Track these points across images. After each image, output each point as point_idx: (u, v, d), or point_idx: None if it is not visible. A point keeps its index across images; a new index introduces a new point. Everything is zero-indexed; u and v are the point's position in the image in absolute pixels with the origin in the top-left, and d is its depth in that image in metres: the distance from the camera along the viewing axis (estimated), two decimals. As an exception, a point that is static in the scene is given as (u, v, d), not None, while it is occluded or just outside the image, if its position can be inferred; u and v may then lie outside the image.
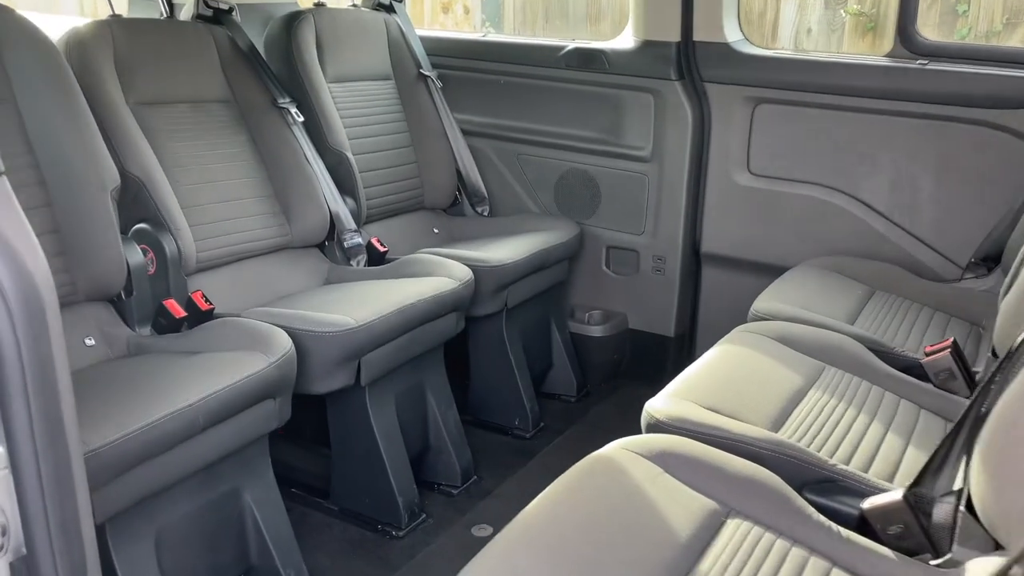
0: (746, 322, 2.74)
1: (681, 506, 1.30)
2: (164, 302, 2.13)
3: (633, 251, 3.07)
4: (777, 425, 1.62)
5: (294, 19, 2.81)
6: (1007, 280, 1.89)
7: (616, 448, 1.42)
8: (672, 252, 2.99)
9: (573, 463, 2.58)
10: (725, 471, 1.38)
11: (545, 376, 3.03)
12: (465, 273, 2.45)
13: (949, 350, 1.88)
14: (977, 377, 1.88)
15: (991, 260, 2.44)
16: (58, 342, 1.00)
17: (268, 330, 1.94)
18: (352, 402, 2.19)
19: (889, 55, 2.66)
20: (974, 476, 1.14)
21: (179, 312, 2.13)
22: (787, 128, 2.77)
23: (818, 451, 1.54)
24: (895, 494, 1.31)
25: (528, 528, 1.21)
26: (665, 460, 1.39)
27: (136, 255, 2.16)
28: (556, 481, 1.35)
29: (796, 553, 1.25)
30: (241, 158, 2.57)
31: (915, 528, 1.27)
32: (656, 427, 1.57)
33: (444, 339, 2.45)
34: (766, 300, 2.24)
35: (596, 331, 3.10)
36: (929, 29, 2.71)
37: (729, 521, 1.30)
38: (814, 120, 2.72)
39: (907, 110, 2.57)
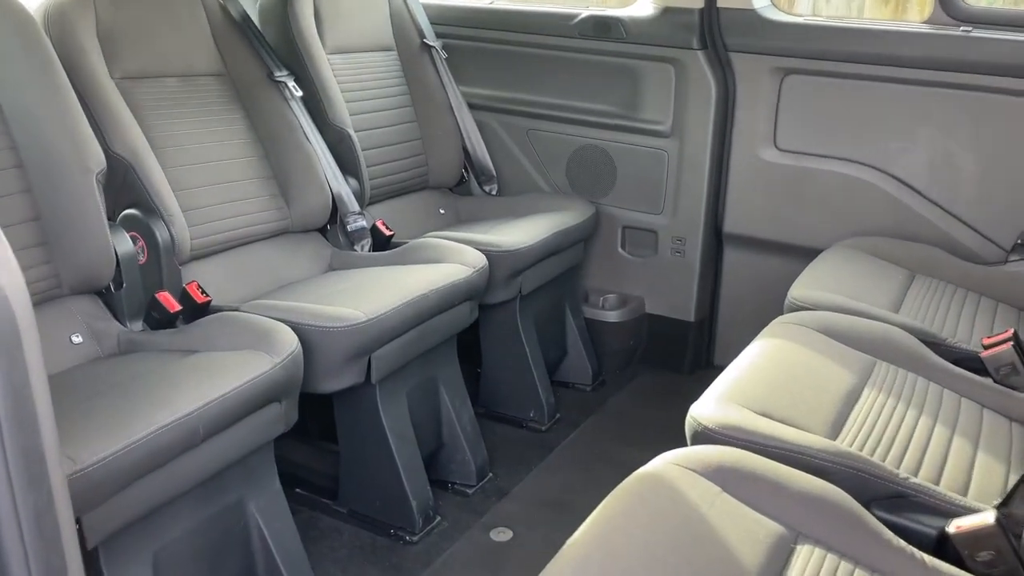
0: (781, 311, 2.63)
1: (745, 531, 1.16)
2: (157, 295, 1.97)
3: (651, 232, 2.91)
4: (835, 431, 1.48)
5: (290, -14, 2.61)
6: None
7: (666, 464, 1.28)
8: (693, 233, 2.84)
9: (593, 459, 2.48)
10: (788, 489, 1.24)
11: (559, 364, 2.88)
12: (479, 259, 2.29)
13: (1011, 343, 1.74)
14: (1038, 371, 1.74)
15: (1039, 241, 2.30)
16: (36, 367, 0.84)
17: (271, 326, 1.78)
18: (361, 401, 2.04)
19: (928, 21, 2.49)
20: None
21: (173, 306, 1.96)
22: (817, 100, 2.61)
23: (883, 461, 1.40)
24: (985, 516, 1.17)
25: (579, 563, 1.07)
26: (722, 477, 1.24)
27: (125, 243, 1.99)
28: (603, 505, 1.20)
29: (876, 584, 1.11)
30: (236, 136, 2.39)
31: (1009, 555, 1.14)
32: (704, 436, 1.42)
33: (457, 330, 2.30)
34: (803, 287, 2.09)
35: (612, 316, 2.95)
36: None
37: (799, 547, 1.16)
38: (847, 92, 2.56)
39: (948, 80, 2.41)
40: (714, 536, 1.14)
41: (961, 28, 2.40)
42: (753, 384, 1.58)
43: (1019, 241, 2.35)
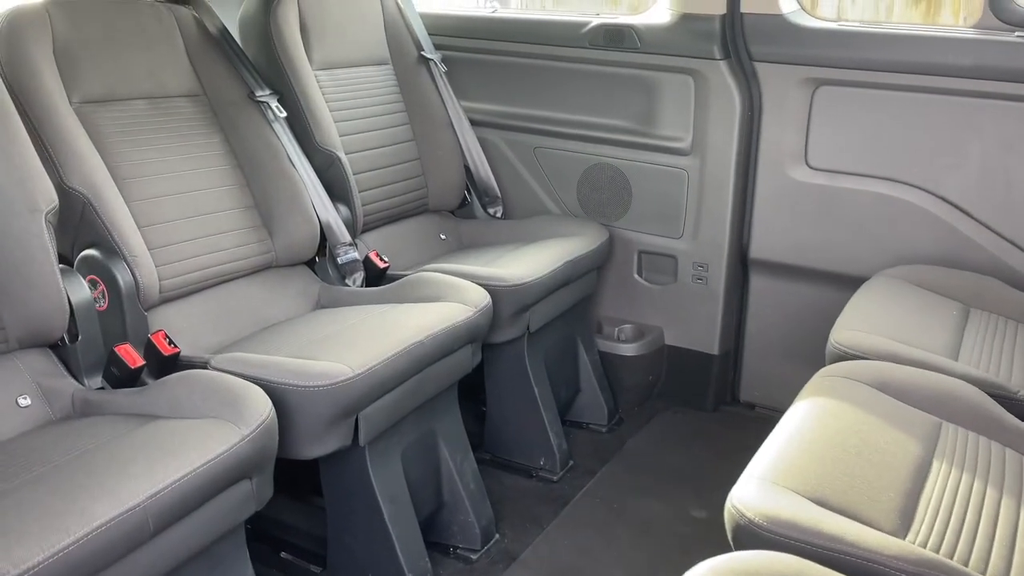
0: (812, 344, 2.38)
1: None
2: (116, 348, 1.74)
3: (670, 257, 2.67)
4: (905, 522, 1.23)
5: (273, -4, 2.39)
6: None
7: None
8: (716, 258, 2.60)
9: (611, 515, 2.23)
10: (860, 613, 1.00)
11: (572, 403, 2.65)
12: (482, 297, 2.06)
13: (1100, 402, 1.49)
14: None
15: (1110, 271, 2.05)
16: None
17: (242, 388, 1.55)
18: (349, 464, 1.81)
19: (978, 26, 2.24)
20: None
21: (135, 360, 1.74)
22: (853, 114, 2.37)
23: (966, 565, 1.16)
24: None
25: None
26: (776, 598, 1.01)
27: (81, 289, 1.76)
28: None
29: None
30: (212, 163, 2.17)
31: None
32: (750, 534, 1.18)
33: (458, 377, 2.06)
34: (847, 329, 1.85)
35: (628, 349, 2.71)
36: None
37: None
38: (886, 104, 2.31)
39: (1001, 91, 2.16)
40: None
41: (1016, 33, 2.15)
42: (802, 459, 1.34)
43: (1086, 270, 2.10)
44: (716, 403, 2.74)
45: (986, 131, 2.22)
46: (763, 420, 2.68)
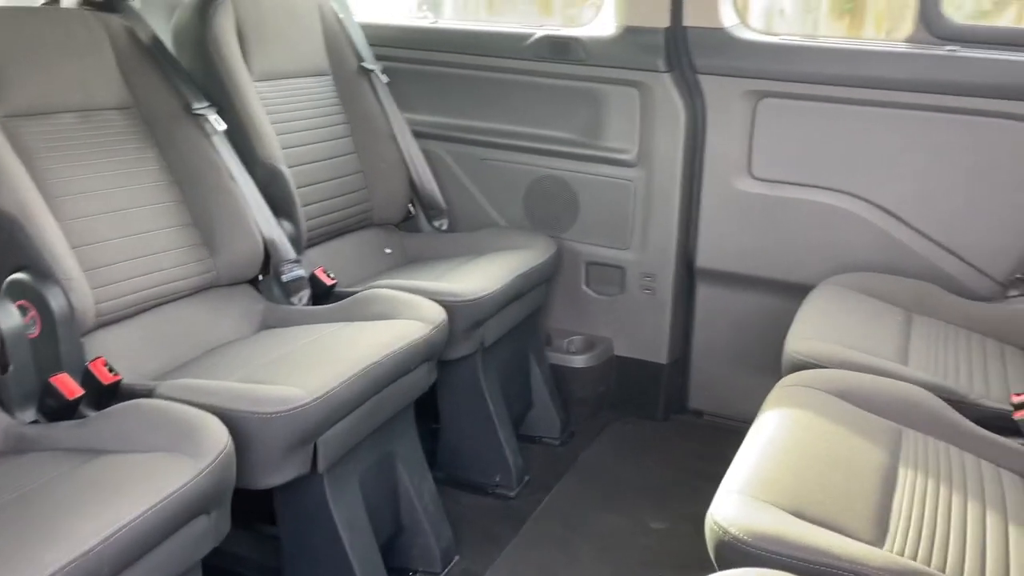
0: (758, 350, 2.43)
1: None
2: (52, 379, 1.63)
3: (618, 268, 2.68)
4: (881, 530, 1.25)
5: (209, 4, 2.29)
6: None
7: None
8: (663, 268, 2.62)
9: (570, 530, 2.21)
10: (854, 628, 1.00)
11: (524, 417, 2.62)
12: (437, 313, 2.02)
13: (1048, 404, 1.55)
14: (1075, 431, 1.56)
15: (1040, 275, 2.14)
16: None
17: (196, 418, 1.47)
18: (307, 493, 1.74)
19: (911, 40, 2.32)
20: None
21: (72, 391, 1.63)
22: (795, 125, 2.42)
23: (943, 571, 1.18)
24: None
25: None
26: (773, 617, 1.00)
27: (10, 316, 1.64)
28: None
29: None
30: (148, 179, 2.07)
31: None
32: (734, 550, 1.17)
33: (416, 396, 2.01)
34: (802, 338, 1.88)
35: (578, 361, 2.71)
36: (912, 10, 2.39)
37: None
38: (827, 116, 2.38)
39: (935, 103, 2.24)
40: None
41: (947, 47, 2.23)
42: (777, 472, 1.34)
43: (1018, 276, 2.19)
44: (666, 412, 2.76)
45: (921, 142, 2.29)
46: (712, 428, 2.73)
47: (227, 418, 1.53)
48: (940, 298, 2.18)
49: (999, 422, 1.61)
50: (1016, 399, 1.60)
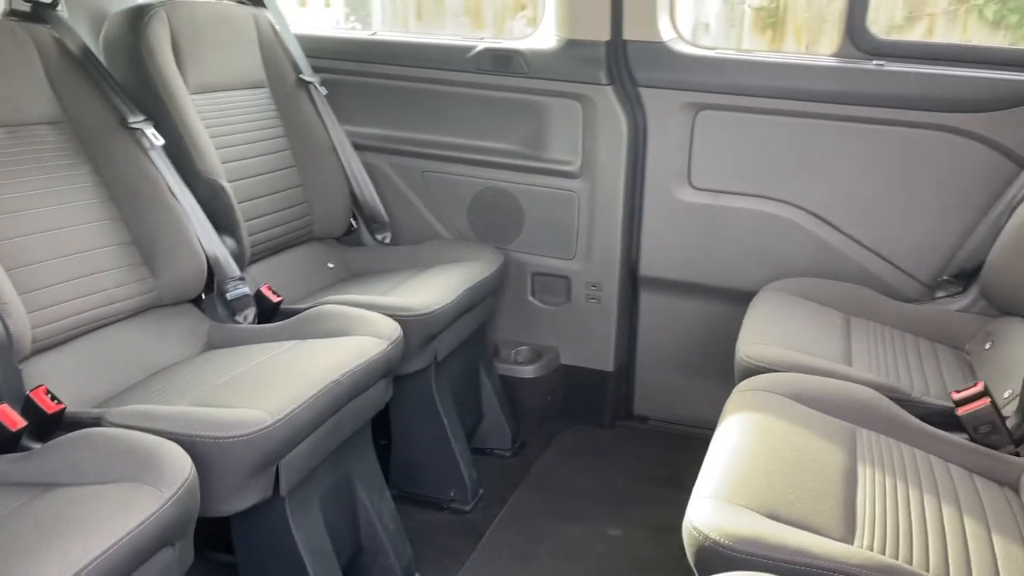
0: (703, 356, 2.50)
1: None
2: (-9, 410, 1.54)
3: (564, 278, 2.71)
4: (850, 528, 1.30)
5: (142, 15, 2.21)
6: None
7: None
8: (608, 277, 2.66)
9: (529, 542, 2.22)
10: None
11: (475, 430, 2.61)
12: (392, 329, 1.99)
13: (987, 399, 1.64)
14: (1009, 424, 1.66)
15: (964, 277, 2.26)
16: None
17: (154, 445, 1.41)
18: (268, 518, 1.69)
19: (838, 55, 2.43)
20: None
21: (14, 422, 1.53)
22: (732, 137, 2.50)
23: (910, 563, 1.23)
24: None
25: None
26: (764, 620, 1.03)
27: (-56, 346, 1.55)
28: None
29: None
30: (82, 196, 1.98)
31: None
32: (715, 554, 1.20)
33: (373, 414, 1.98)
34: (752, 344, 1.93)
35: (527, 371, 2.72)
36: (830, 24, 2.51)
37: None
38: (762, 127, 2.46)
39: (863, 115, 2.35)
40: None
41: (874, 62, 2.35)
42: (746, 475, 1.38)
43: (944, 278, 2.31)
44: (612, 419, 2.80)
45: (850, 151, 2.40)
46: (658, 433, 2.78)
47: (185, 444, 1.47)
48: (874, 301, 2.28)
49: (942, 418, 1.69)
50: (956, 396, 1.69)
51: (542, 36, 2.61)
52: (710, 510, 1.28)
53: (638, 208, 2.63)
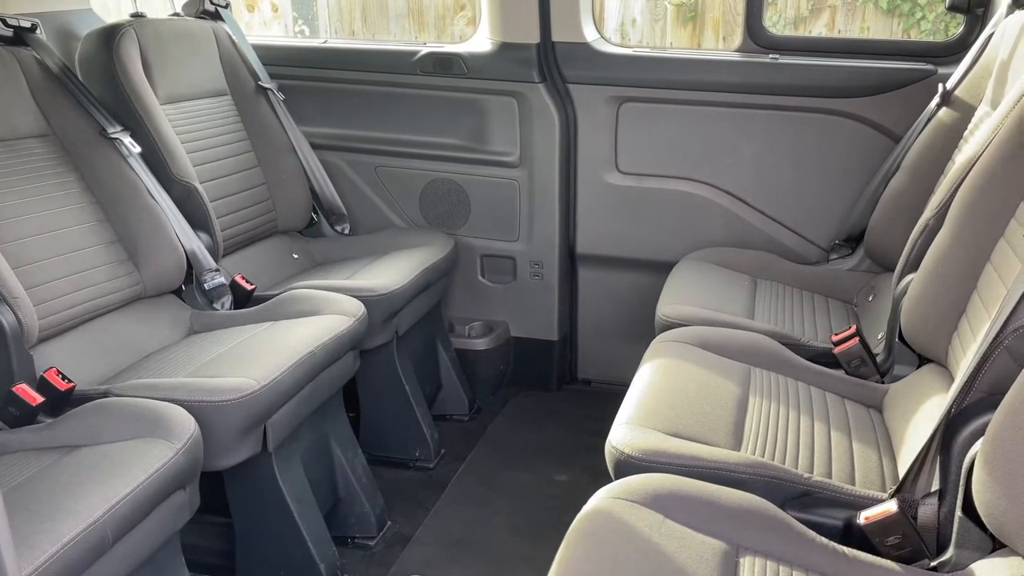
0: (637, 323, 2.81)
1: (695, 554, 1.25)
2: (14, 388, 1.78)
3: (509, 258, 3.00)
4: (738, 440, 1.62)
5: (113, 34, 2.43)
6: (900, 267, 2.01)
7: (608, 499, 1.34)
8: (549, 256, 2.96)
9: (487, 490, 2.52)
10: (720, 505, 1.35)
11: (435, 398, 2.90)
12: (357, 307, 2.26)
13: (857, 338, 1.97)
14: (878, 359, 2.00)
15: (853, 241, 2.61)
16: None
17: (162, 409, 1.67)
18: (257, 472, 1.95)
19: (740, 50, 2.75)
20: (978, 482, 1.18)
21: (34, 398, 1.78)
22: (651, 125, 2.81)
23: (784, 463, 1.56)
24: (889, 505, 1.34)
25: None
26: (662, 504, 1.33)
27: (-35, 335, 1.78)
28: (562, 551, 1.25)
29: (811, 582, 1.25)
30: (71, 202, 2.21)
31: (913, 537, 1.31)
32: (628, 465, 1.50)
33: (344, 382, 2.26)
34: (669, 304, 2.25)
35: (480, 344, 3.01)
36: (739, 16, 2.84)
37: (742, 560, 1.27)
38: (676, 116, 2.78)
39: (762, 103, 2.68)
40: (671, 564, 1.22)
41: (770, 56, 2.68)
42: (656, 405, 1.69)
43: (836, 242, 2.65)
44: (559, 383, 3.11)
45: (755, 135, 2.73)
46: (600, 393, 3.10)
47: (186, 408, 1.73)
48: (778, 264, 2.62)
49: (824, 358, 2.02)
50: (834, 338, 2.02)
51: (479, 40, 2.88)
52: (625, 432, 1.58)
53: (572, 192, 2.93)
